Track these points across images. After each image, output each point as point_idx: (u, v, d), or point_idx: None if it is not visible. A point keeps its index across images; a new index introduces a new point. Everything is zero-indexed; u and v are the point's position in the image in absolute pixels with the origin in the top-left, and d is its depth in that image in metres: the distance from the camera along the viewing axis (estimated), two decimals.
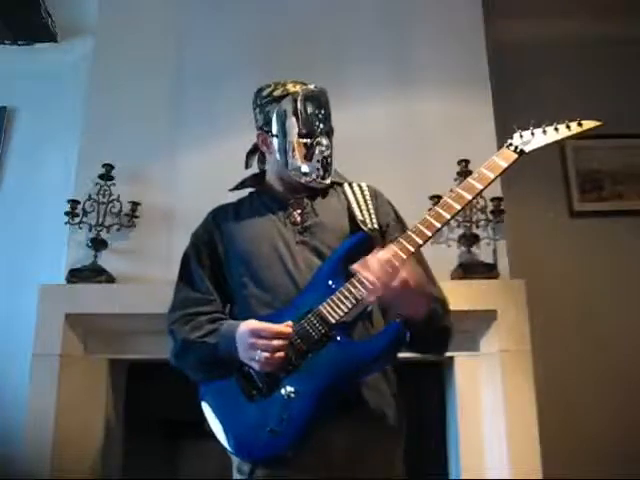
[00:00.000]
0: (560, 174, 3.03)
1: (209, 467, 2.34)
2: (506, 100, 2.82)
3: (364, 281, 1.23)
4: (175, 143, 2.71)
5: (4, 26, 2.98)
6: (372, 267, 1.20)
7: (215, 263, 1.46)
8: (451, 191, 1.30)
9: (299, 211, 1.45)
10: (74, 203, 2.52)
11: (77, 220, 2.52)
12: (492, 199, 2.49)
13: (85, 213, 2.53)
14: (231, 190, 1.57)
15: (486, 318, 2.32)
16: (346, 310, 1.26)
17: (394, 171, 2.54)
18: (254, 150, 1.59)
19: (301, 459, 1.23)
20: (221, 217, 1.52)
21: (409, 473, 1.44)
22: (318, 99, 1.46)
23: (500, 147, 1.36)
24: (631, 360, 2.71)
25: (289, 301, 1.32)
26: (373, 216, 1.42)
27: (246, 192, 1.60)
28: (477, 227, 2.49)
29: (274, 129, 1.46)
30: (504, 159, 1.29)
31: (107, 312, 2.36)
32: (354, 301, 1.25)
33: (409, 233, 1.26)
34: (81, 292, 2.40)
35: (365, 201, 1.45)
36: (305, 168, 1.44)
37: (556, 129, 1.34)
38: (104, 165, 2.55)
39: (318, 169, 1.44)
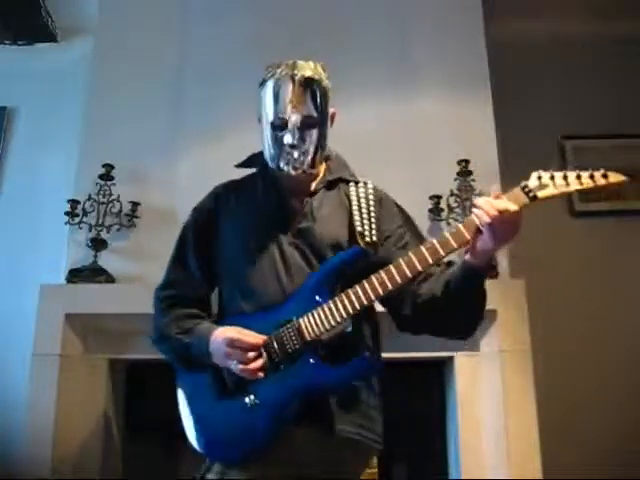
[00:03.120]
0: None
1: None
2: (506, 100, 2.83)
3: (352, 298, 1.23)
4: (175, 143, 2.71)
5: (4, 26, 2.99)
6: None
7: (210, 244, 1.45)
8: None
9: (298, 209, 1.40)
10: (74, 203, 2.52)
11: (77, 220, 2.52)
12: None
13: (85, 213, 2.53)
14: (237, 166, 1.54)
15: (486, 318, 2.31)
16: (324, 329, 1.24)
17: (394, 171, 2.54)
18: None
19: (263, 460, 1.24)
20: (223, 197, 1.49)
21: (409, 473, 1.43)
22: (298, 85, 1.38)
23: (500, 147, 1.34)
24: (631, 360, 2.71)
25: (273, 304, 1.31)
26: (374, 227, 1.36)
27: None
28: None
29: (259, 114, 1.44)
30: (514, 201, 1.16)
31: (107, 312, 2.36)
32: (334, 322, 1.23)
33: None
34: (81, 292, 2.40)
35: (368, 208, 1.39)
36: (277, 158, 1.39)
37: (578, 177, 1.18)
38: (104, 165, 2.55)
39: (289, 156, 1.37)
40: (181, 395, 1.39)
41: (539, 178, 1.19)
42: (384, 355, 1.42)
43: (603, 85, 3.11)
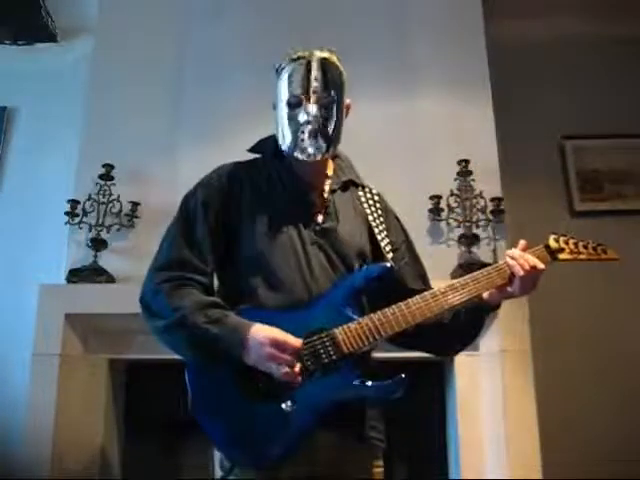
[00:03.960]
0: (560, 174, 3.03)
1: (209, 467, 2.34)
2: (506, 100, 2.83)
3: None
4: (175, 143, 2.71)
5: (4, 26, 2.99)
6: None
7: (225, 225, 1.35)
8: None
9: (319, 206, 1.37)
10: (74, 203, 2.53)
11: (77, 220, 2.52)
12: (492, 199, 2.50)
13: (85, 213, 2.53)
14: (249, 150, 1.47)
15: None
16: (363, 345, 1.24)
17: (394, 171, 2.54)
18: None
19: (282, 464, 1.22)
20: (237, 178, 1.40)
21: (409, 473, 1.43)
22: (309, 66, 1.36)
23: (500, 147, 1.36)
24: (631, 360, 2.71)
25: (299, 305, 1.27)
26: (387, 240, 1.39)
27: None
28: (477, 227, 2.49)
29: (274, 102, 1.42)
30: (539, 259, 1.35)
31: (107, 312, 2.36)
32: (372, 340, 1.25)
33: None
34: (81, 292, 2.40)
35: (379, 217, 1.42)
36: (290, 141, 1.35)
37: (585, 247, 1.42)
38: (104, 165, 2.55)
39: (303, 142, 1.33)
40: (197, 393, 1.27)
41: (556, 240, 1.40)
42: (384, 355, 1.43)
43: (603, 85, 3.11)
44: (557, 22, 3.15)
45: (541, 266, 1.32)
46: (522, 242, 1.36)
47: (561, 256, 1.39)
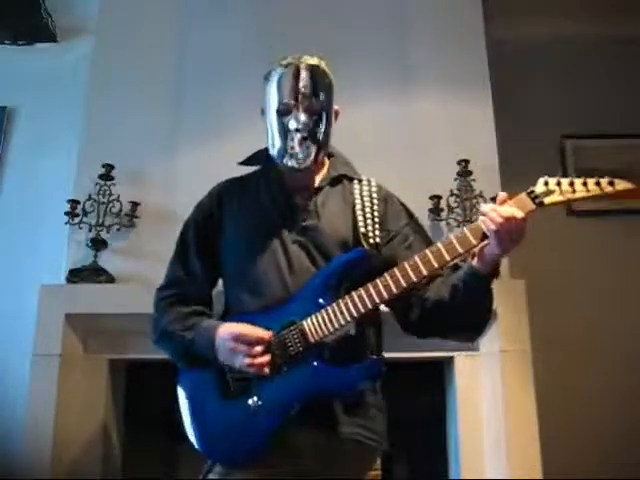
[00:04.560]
0: (560, 174, 3.02)
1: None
2: (506, 100, 2.83)
3: (363, 296, 1.23)
4: (175, 143, 2.71)
5: (4, 26, 2.99)
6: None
7: (212, 243, 1.43)
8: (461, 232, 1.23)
9: (302, 206, 1.39)
10: (74, 203, 2.52)
11: (77, 220, 2.52)
12: (492, 199, 2.49)
13: (85, 213, 2.53)
14: (240, 164, 1.53)
15: None
16: (328, 332, 1.24)
17: (394, 171, 2.53)
18: None
19: (265, 462, 1.24)
20: (226, 196, 1.47)
21: (409, 473, 1.43)
22: (297, 73, 1.38)
23: (500, 147, 1.34)
24: (631, 360, 2.71)
25: (277, 303, 1.30)
26: (377, 227, 1.35)
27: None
28: None
29: (264, 107, 1.44)
30: (519, 207, 1.17)
31: (107, 312, 2.36)
32: (338, 325, 1.23)
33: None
34: (81, 292, 2.40)
35: (372, 207, 1.38)
36: (282, 146, 1.36)
37: (584, 183, 1.17)
38: (104, 165, 2.55)
39: (293, 149, 1.35)
40: (182, 395, 1.37)
41: (546, 184, 1.19)
42: (385, 355, 1.42)
43: (603, 85, 3.11)
44: (557, 22, 3.15)
45: (519, 215, 1.15)
46: (501, 194, 1.21)
47: (548, 200, 1.17)
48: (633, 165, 3.01)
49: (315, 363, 1.24)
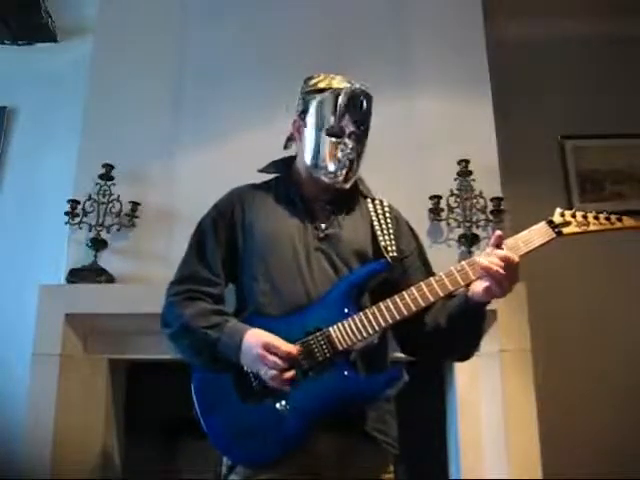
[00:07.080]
0: (560, 174, 3.03)
1: (209, 467, 2.34)
2: (506, 100, 2.83)
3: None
4: (175, 143, 2.70)
5: (4, 26, 2.98)
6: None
7: (230, 242, 1.44)
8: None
9: (324, 215, 1.43)
10: (74, 203, 2.52)
11: (77, 220, 2.52)
12: (492, 199, 2.50)
13: (85, 213, 2.53)
14: (259, 171, 1.55)
15: (486, 318, 2.31)
16: (356, 340, 1.26)
17: (394, 171, 2.54)
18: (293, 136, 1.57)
19: (285, 464, 1.25)
20: (247, 199, 1.48)
21: (409, 473, 1.44)
22: (358, 101, 1.47)
23: (500, 147, 1.35)
24: (631, 359, 2.71)
25: (298, 309, 1.31)
26: (393, 242, 1.41)
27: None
28: (477, 227, 2.49)
29: (308, 119, 1.46)
30: (542, 236, 1.27)
31: (107, 312, 2.36)
32: (366, 334, 1.26)
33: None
34: (81, 292, 2.40)
35: (387, 224, 1.44)
36: (327, 166, 1.42)
37: (596, 217, 1.29)
38: (104, 165, 2.55)
39: (338, 170, 1.42)
40: (199, 395, 1.35)
41: (562, 215, 1.30)
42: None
43: (603, 85, 3.11)
44: (557, 22, 3.15)
45: (514, 259, 1.23)
46: (497, 233, 1.27)
47: (566, 230, 1.28)
48: (633, 165, 3.02)
49: (346, 372, 1.26)
